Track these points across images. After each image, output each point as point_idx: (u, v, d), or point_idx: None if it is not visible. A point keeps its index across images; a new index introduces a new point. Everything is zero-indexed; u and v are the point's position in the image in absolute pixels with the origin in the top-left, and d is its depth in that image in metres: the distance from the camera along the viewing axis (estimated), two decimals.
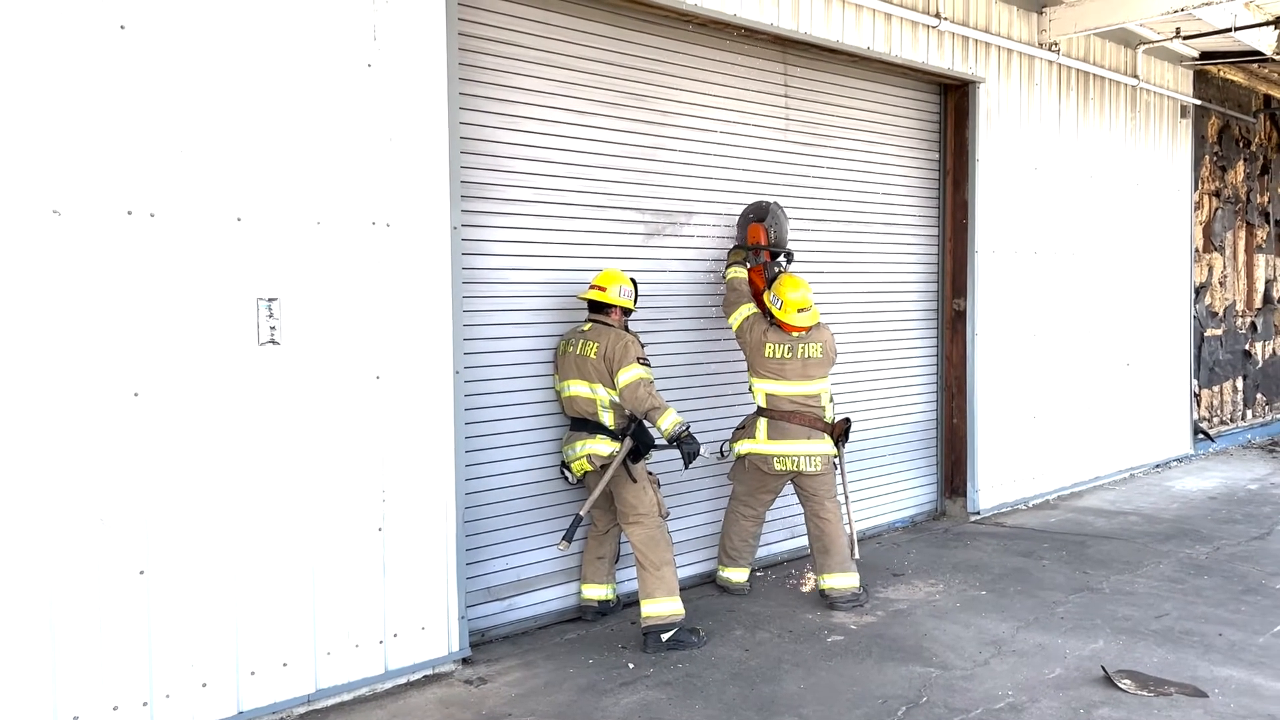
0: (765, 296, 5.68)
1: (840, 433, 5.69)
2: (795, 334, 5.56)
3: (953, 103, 7.70)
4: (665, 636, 4.99)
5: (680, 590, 5.13)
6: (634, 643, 5.09)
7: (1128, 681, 4.52)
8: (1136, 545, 6.99)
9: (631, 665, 4.83)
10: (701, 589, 5.99)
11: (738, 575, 5.93)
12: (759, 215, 5.95)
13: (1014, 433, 8.15)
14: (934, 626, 5.33)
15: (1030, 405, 8.32)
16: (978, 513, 7.78)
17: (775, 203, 6.03)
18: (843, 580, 5.66)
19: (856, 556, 5.75)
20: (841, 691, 4.50)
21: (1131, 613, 5.53)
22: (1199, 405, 10.88)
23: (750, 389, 5.72)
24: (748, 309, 5.69)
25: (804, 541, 6.49)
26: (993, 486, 7.94)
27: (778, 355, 5.55)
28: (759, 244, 5.87)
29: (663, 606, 5.01)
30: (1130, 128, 9.39)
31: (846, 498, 5.83)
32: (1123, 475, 9.47)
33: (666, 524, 5.20)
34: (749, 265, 5.89)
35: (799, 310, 5.53)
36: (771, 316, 5.61)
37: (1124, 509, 8.17)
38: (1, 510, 3.53)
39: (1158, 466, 9.97)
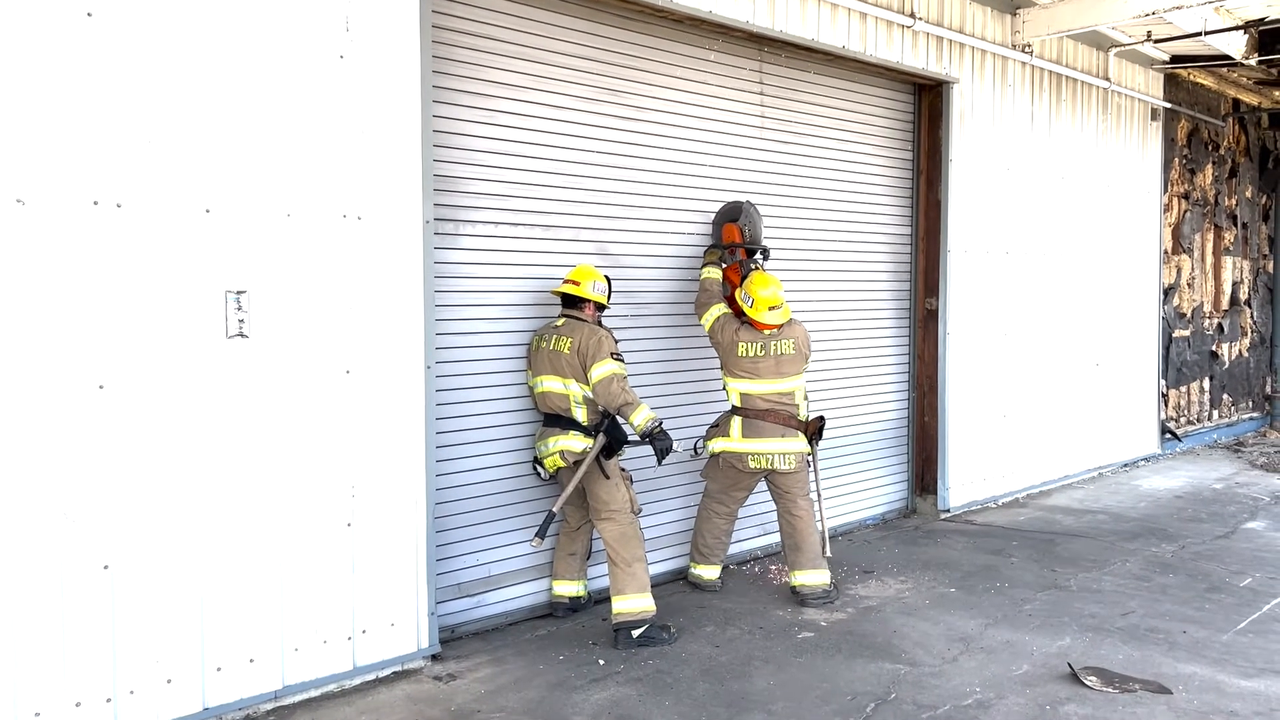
0: (736, 294, 5.68)
1: (814, 431, 5.70)
2: (767, 332, 5.57)
3: (927, 103, 7.74)
4: (636, 633, 4.99)
5: (652, 587, 5.13)
6: (605, 639, 5.08)
7: (1093, 678, 4.57)
8: (1104, 544, 7.06)
9: (602, 662, 4.82)
10: (673, 586, 6.00)
11: (709, 573, 5.94)
12: (733, 215, 5.96)
13: (984, 431, 8.21)
14: (903, 623, 5.36)
15: (1001, 404, 8.39)
16: (948, 510, 7.84)
17: (749, 202, 6.04)
18: (814, 577, 5.68)
19: (828, 554, 5.77)
20: (811, 688, 4.51)
21: (1098, 610, 5.58)
22: (1166, 405, 11.01)
23: (724, 388, 5.73)
24: (719, 309, 5.69)
25: (776, 538, 6.52)
26: (963, 484, 7.99)
27: (751, 354, 5.56)
28: (734, 242, 5.88)
29: (634, 603, 5.01)
30: (1101, 129, 9.48)
31: (819, 496, 5.85)
32: (1091, 474, 9.56)
33: (639, 520, 5.20)
34: (724, 265, 5.90)
35: (769, 308, 5.54)
36: (744, 315, 5.62)
37: (1092, 508, 8.25)
38: None
39: (1126, 466, 10.08)
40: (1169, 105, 10.36)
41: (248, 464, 4.15)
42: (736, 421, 5.61)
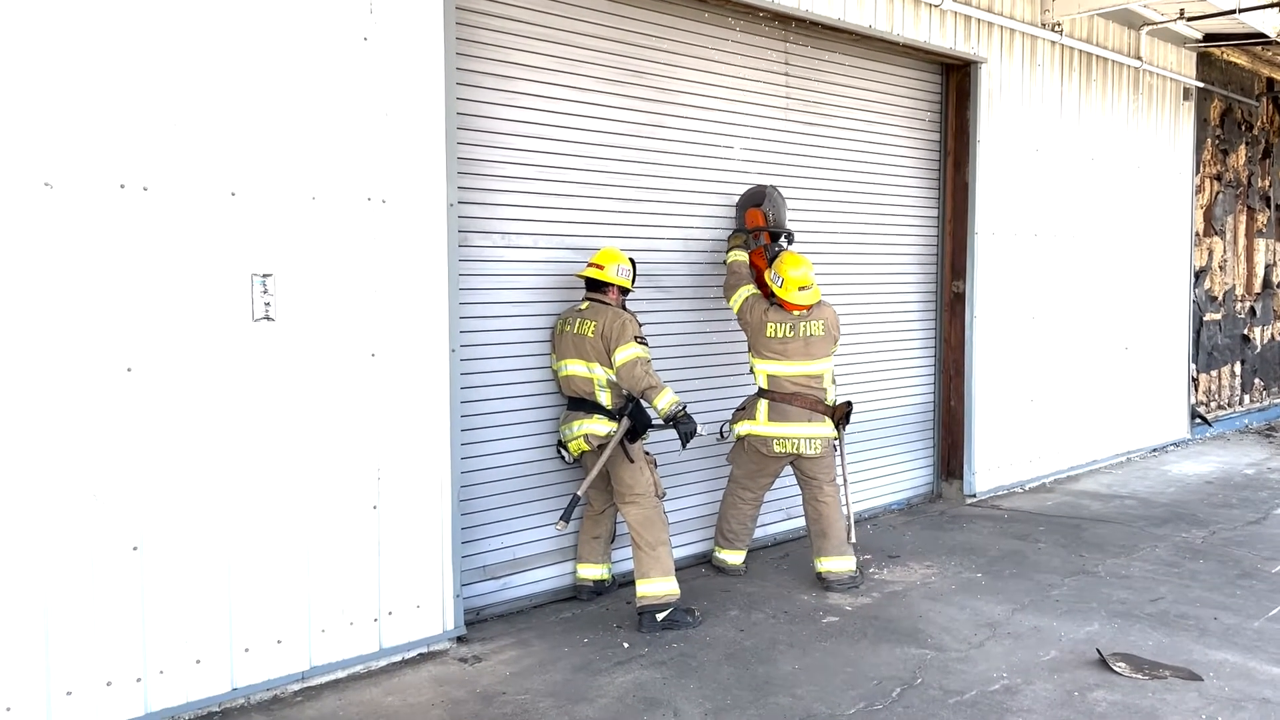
0: (766, 275, 5.64)
1: (841, 416, 5.66)
2: (796, 313, 5.53)
3: (954, 83, 7.64)
4: (660, 616, 4.99)
5: (676, 570, 5.13)
6: (629, 622, 5.08)
7: (1122, 664, 4.53)
8: (1132, 529, 6.99)
9: (626, 645, 4.82)
10: (697, 569, 5.99)
11: (734, 557, 5.92)
12: (756, 200, 5.93)
13: (1011, 416, 8.14)
14: (929, 608, 5.33)
15: (1028, 388, 8.31)
16: (974, 495, 7.78)
17: (773, 186, 6.00)
18: (840, 564, 5.66)
19: (853, 540, 5.74)
20: (836, 672, 4.50)
21: (1127, 596, 5.53)
22: (1196, 390, 10.87)
23: (751, 370, 5.70)
24: (747, 290, 5.65)
25: (800, 523, 6.49)
26: (989, 469, 7.93)
27: (780, 335, 5.52)
28: (758, 227, 5.84)
29: (658, 586, 5.01)
30: (1132, 110, 9.33)
31: (845, 481, 5.82)
32: (1119, 459, 9.47)
33: (663, 504, 5.19)
34: (749, 249, 5.86)
35: (799, 288, 5.50)
36: (773, 296, 5.58)
37: (1120, 493, 8.17)
38: None
39: (1154, 451, 9.97)
40: (1202, 85, 10.19)
41: (274, 447, 4.17)
42: (763, 405, 5.58)
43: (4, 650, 3.55)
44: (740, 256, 5.80)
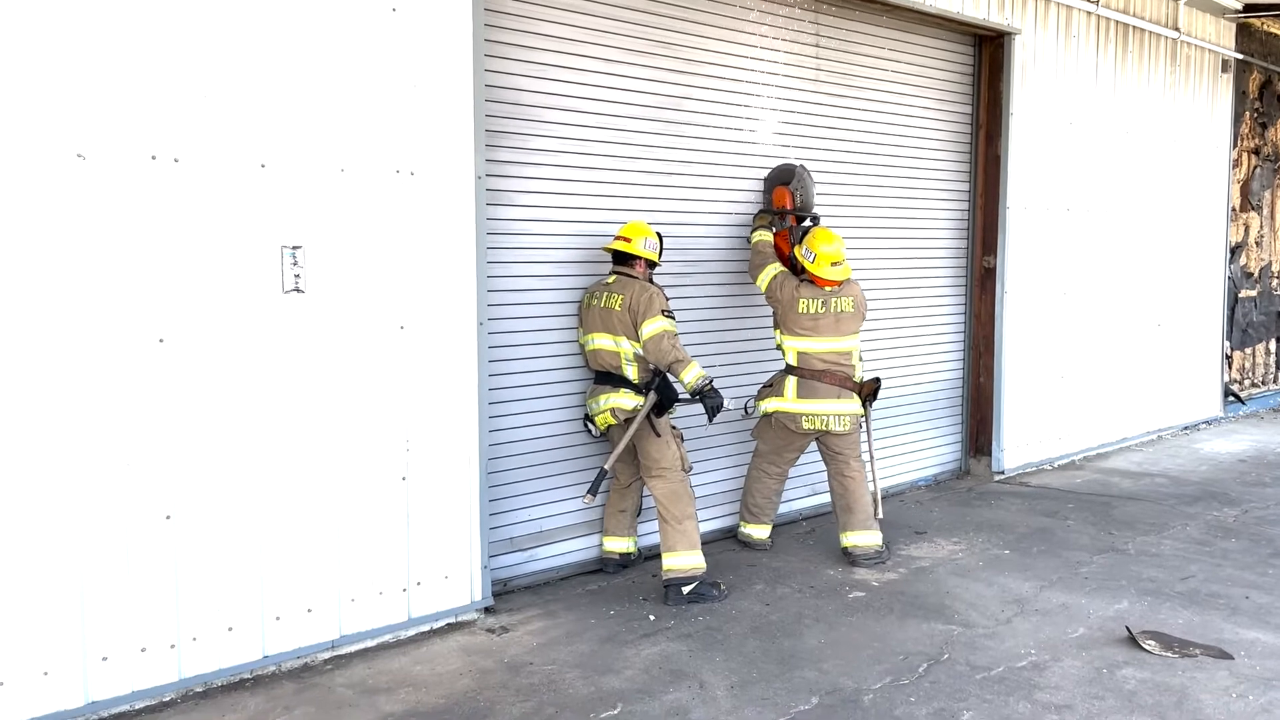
0: (797, 250, 5.59)
1: (869, 392, 5.64)
2: (828, 289, 5.49)
3: (987, 55, 7.53)
4: (686, 589, 5.00)
5: (702, 544, 5.13)
6: (655, 595, 5.10)
7: (1152, 642, 4.49)
8: (1163, 507, 6.92)
9: (652, 617, 4.84)
10: (723, 544, 6.00)
11: (759, 532, 5.92)
12: (785, 178, 5.87)
13: (1041, 392, 8.07)
14: (956, 585, 5.31)
15: (1058, 365, 8.23)
16: (1002, 472, 7.73)
17: (802, 165, 5.94)
18: (865, 538, 5.64)
19: (879, 516, 5.72)
20: (862, 647, 4.50)
21: (1157, 574, 5.48)
22: (1230, 367, 10.73)
23: (779, 347, 5.67)
24: (775, 267, 5.61)
25: (826, 499, 6.47)
26: (1018, 446, 7.88)
27: (811, 311, 5.48)
28: (784, 208, 5.80)
29: (684, 560, 5.02)
30: (1169, 82, 9.17)
31: (872, 457, 5.80)
32: (1150, 437, 9.37)
33: (689, 478, 5.19)
34: (774, 230, 5.82)
35: (831, 264, 5.46)
36: (803, 272, 5.54)
37: (1151, 471, 8.10)
38: (31, 454, 3.55)
39: (1186, 429, 9.86)
40: (1240, 56, 9.99)
41: (304, 417, 4.20)
42: (791, 381, 5.56)
43: (42, 615, 3.61)
44: (765, 237, 5.76)
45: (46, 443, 3.59)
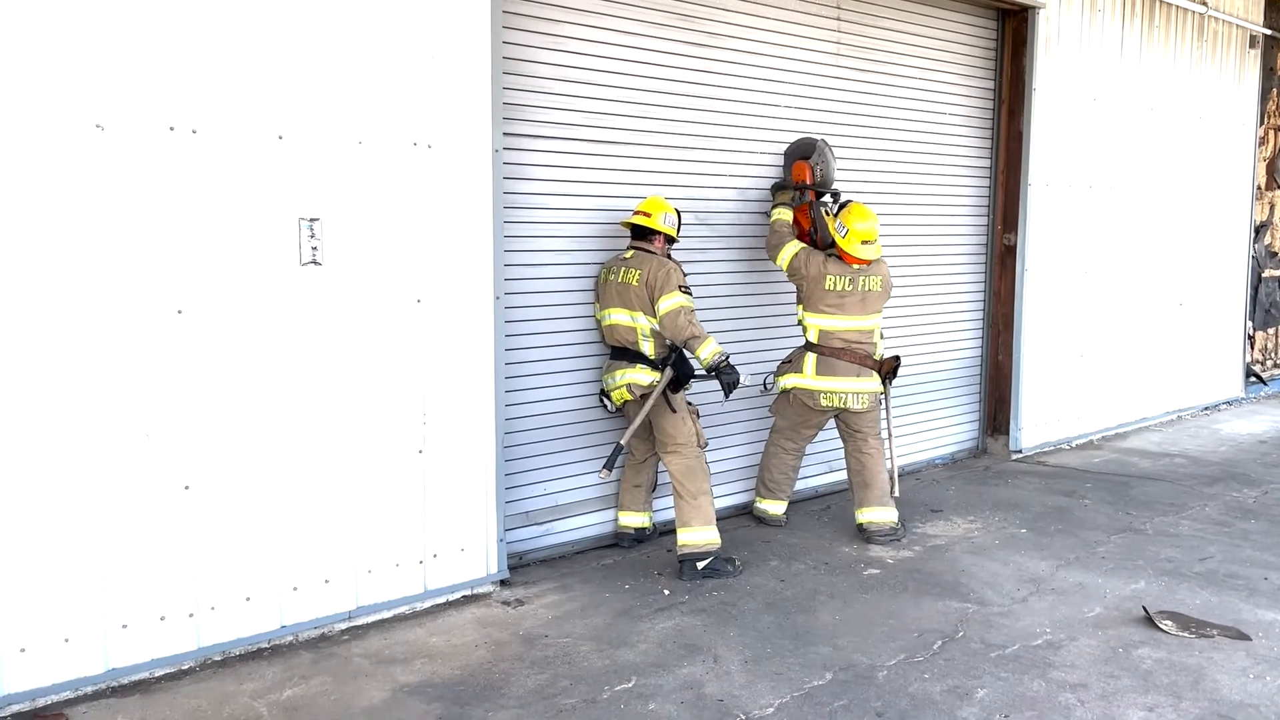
0: (830, 224, 5.53)
1: (889, 370, 5.60)
2: (856, 267, 5.45)
3: (1010, 29, 7.43)
4: (701, 565, 5.01)
5: (717, 520, 5.13)
6: (670, 570, 5.11)
7: (1169, 622, 4.47)
8: (1182, 487, 6.88)
9: (667, 592, 4.86)
10: (738, 520, 6.00)
11: (775, 507, 5.92)
12: (805, 152, 5.81)
13: (1060, 371, 8.01)
14: (972, 563, 5.30)
15: (1078, 344, 8.17)
16: (1019, 451, 7.69)
17: (823, 140, 5.88)
18: (881, 515, 5.63)
19: (896, 493, 5.70)
20: (877, 624, 4.50)
21: (1175, 554, 5.46)
22: (1253, 347, 10.63)
23: (800, 324, 5.62)
24: (795, 245, 5.55)
25: (842, 476, 6.45)
26: (1036, 425, 7.83)
27: (839, 288, 5.43)
28: (804, 183, 5.74)
29: (699, 535, 5.02)
30: (1195, 58, 9.03)
31: (890, 435, 5.77)
32: (1170, 417, 9.31)
33: (705, 454, 5.18)
34: (794, 204, 5.77)
35: (863, 241, 5.41)
36: (831, 247, 5.49)
37: (1170, 451, 8.04)
38: (51, 424, 3.58)
39: (1206, 409, 9.78)
40: (1269, 32, 9.82)
41: (322, 390, 4.21)
42: (811, 358, 5.52)
43: (62, 583, 3.65)
44: (785, 215, 5.69)
45: (67, 413, 3.61)
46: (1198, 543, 5.67)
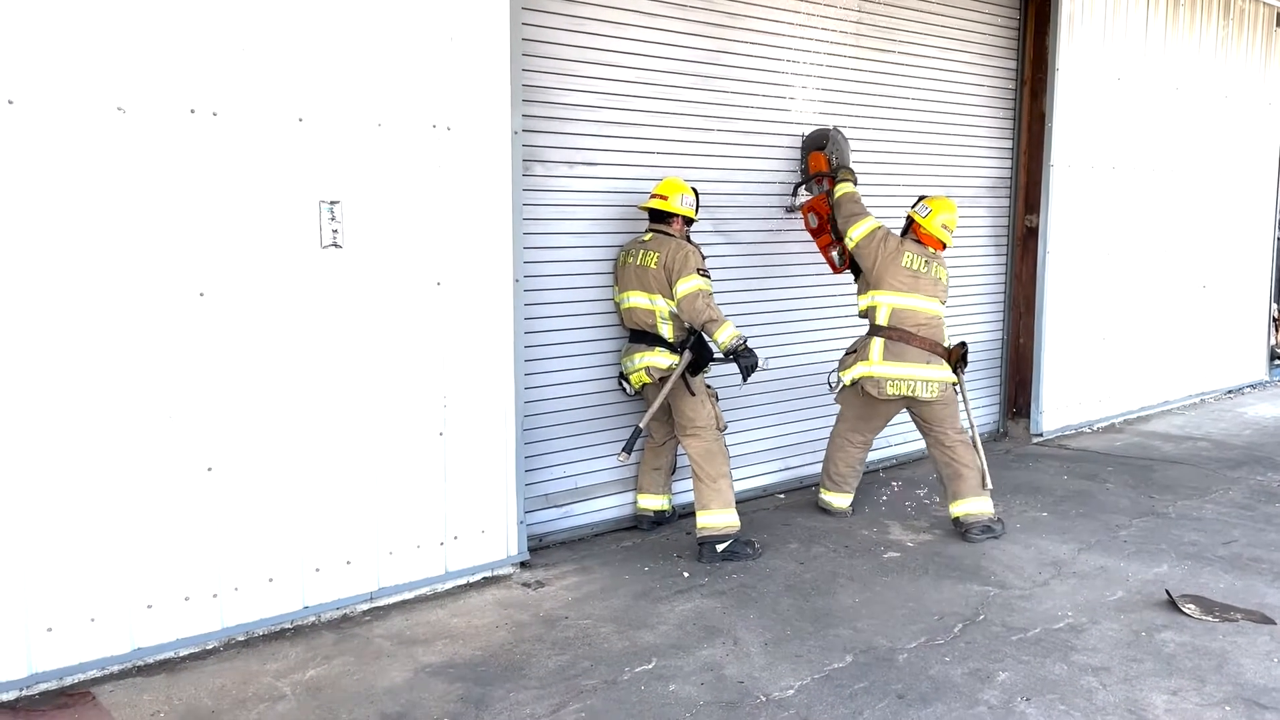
0: (912, 210, 5.52)
1: (958, 358, 5.45)
2: (930, 249, 5.42)
3: (1034, 8, 7.34)
4: (720, 547, 5.01)
5: (736, 503, 5.13)
6: (689, 552, 5.12)
7: (1192, 606, 4.45)
8: (1205, 471, 6.83)
9: (686, 574, 4.86)
10: (756, 502, 6.00)
11: (840, 500, 5.78)
12: (819, 143, 5.85)
13: (1082, 354, 7.95)
14: (992, 546, 5.28)
15: (1100, 326, 8.10)
16: (1041, 434, 7.65)
17: (835, 128, 5.91)
18: (979, 505, 5.39)
19: (989, 485, 5.46)
20: (897, 607, 4.49)
21: (1198, 538, 5.42)
22: (1277, 330, 10.51)
23: (863, 310, 5.45)
24: (876, 220, 5.44)
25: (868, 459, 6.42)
26: (1057, 408, 7.78)
27: (914, 266, 5.33)
28: (821, 172, 5.75)
29: (718, 518, 5.02)
30: (1221, 38, 8.90)
31: (973, 425, 5.56)
32: (1193, 400, 9.23)
33: (724, 437, 5.17)
34: (812, 194, 5.79)
35: (943, 224, 5.42)
36: (907, 232, 5.47)
37: (1193, 434, 7.98)
38: (75, 407, 3.60)
39: (1230, 392, 9.69)
40: None
41: (343, 372, 4.23)
42: (878, 343, 5.33)
43: (88, 564, 3.68)
44: (850, 189, 5.59)
45: (91, 396, 3.64)
46: (1221, 526, 5.62)
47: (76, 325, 3.59)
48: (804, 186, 5.93)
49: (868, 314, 5.46)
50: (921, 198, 5.60)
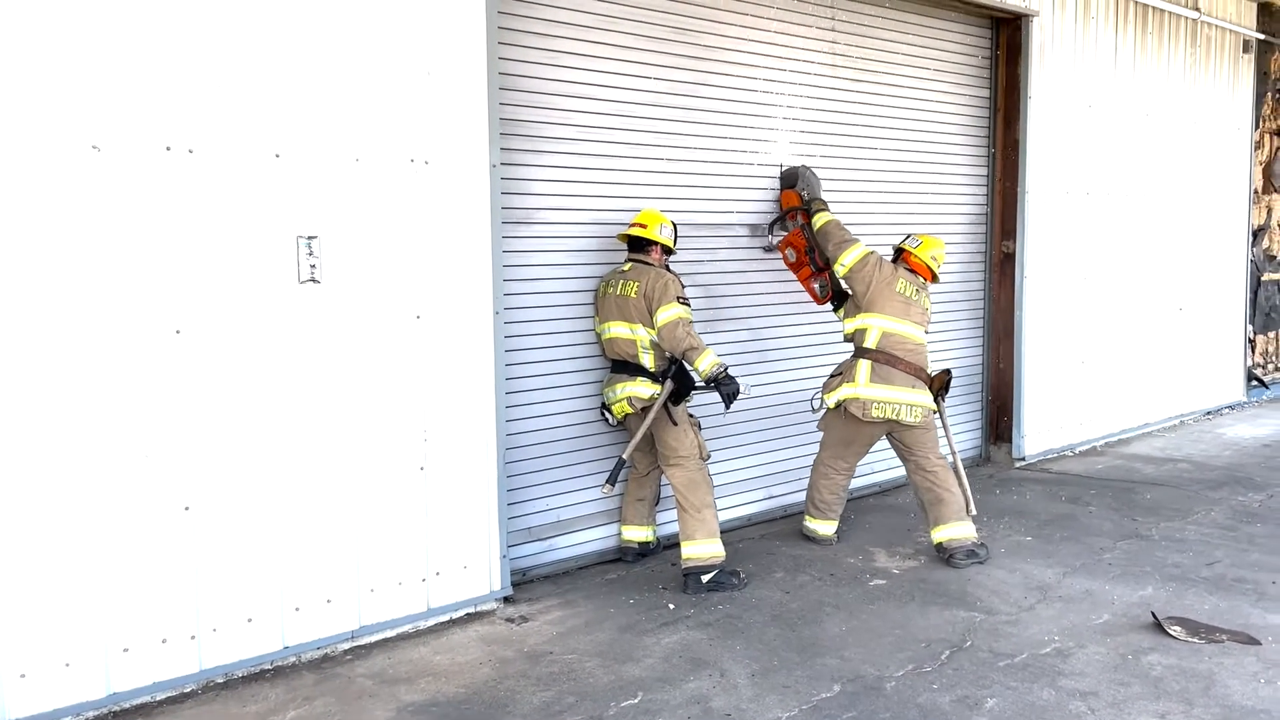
0: (905, 241, 5.59)
1: (940, 385, 5.49)
2: (920, 279, 5.49)
3: (1005, 37, 7.45)
4: (706, 578, 4.98)
5: (721, 533, 5.10)
6: (674, 584, 5.08)
7: (1178, 628, 4.44)
8: (1187, 492, 6.85)
9: (672, 606, 4.82)
10: (742, 532, 5.97)
11: (825, 527, 5.76)
12: (790, 182, 6.00)
13: (1062, 378, 8.00)
14: (978, 571, 5.27)
15: (1079, 350, 8.15)
16: (1023, 459, 7.67)
17: (805, 165, 6.05)
18: (961, 530, 5.38)
19: (973, 511, 5.46)
20: (884, 635, 4.46)
21: (1181, 560, 5.42)
22: (1253, 351, 10.62)
23: (852, 335, 5.48)
24: (867, 247, 5.50)
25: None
26: (1039, 433, 7.81)
27: (907, 294, 5.39)
28: (794, 206, 5.89)
29: (703, 548, 4.99)
30: (1190, 63, 9.05)
31: (954, 453, 5.59)
32: (1173, 422, 9.28)
33: (707, 466, 5.16)
34: (787, 230, 5.91)
35: (932, 255, 5.51)
36: (896, 260, 5.53)
37: (1174, 456, 8.02)
38: (50, 447, 3.55)
39: (1209, 414, 9.76)
40: (1262, 36, 9.86)
41: (322, 408, 4.19)
42: (864, 365, 5.34)
43: (62, 607, 3.61)
44: (830, 217, 5.65)
45: (66, 434, 3.59)
46: (1204, 547, 5.64)
47: (52, 364, 3.55)
48: (778, 224, 6.02)
49: (854, 337, 5.49)
50: (908, 236, 5.66)
